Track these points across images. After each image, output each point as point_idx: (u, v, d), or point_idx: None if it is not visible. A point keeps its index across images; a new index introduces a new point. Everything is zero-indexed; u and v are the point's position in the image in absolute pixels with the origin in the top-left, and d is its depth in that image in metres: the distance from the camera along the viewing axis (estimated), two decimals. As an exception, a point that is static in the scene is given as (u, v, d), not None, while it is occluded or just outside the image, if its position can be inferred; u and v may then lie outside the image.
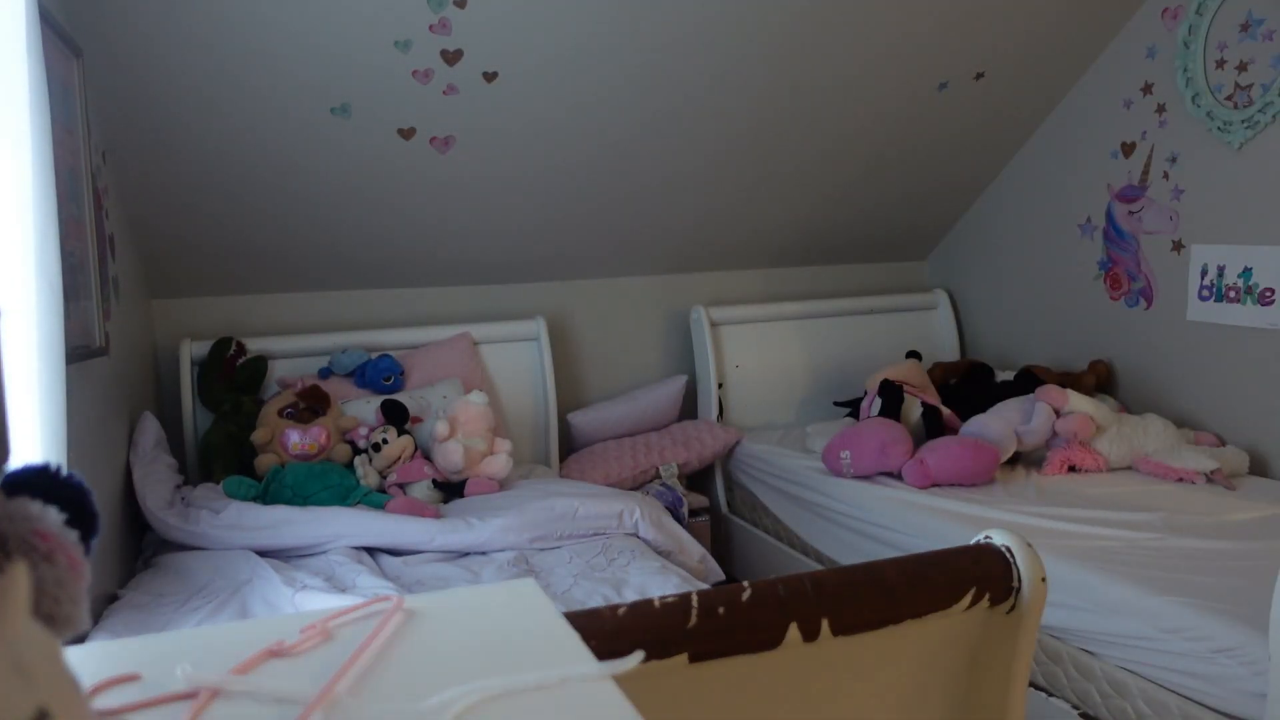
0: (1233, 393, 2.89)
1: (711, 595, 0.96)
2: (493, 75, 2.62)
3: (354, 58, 2.47)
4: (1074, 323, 3.44)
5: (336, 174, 2.80)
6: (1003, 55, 3.11)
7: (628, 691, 0.66)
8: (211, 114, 2.51)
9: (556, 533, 2.45)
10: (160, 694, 0.67)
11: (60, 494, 0.50)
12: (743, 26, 2.68)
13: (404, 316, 3.34)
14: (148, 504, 2.40)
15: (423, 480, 2.75)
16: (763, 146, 3.19)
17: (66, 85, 2.04)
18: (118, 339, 2.45)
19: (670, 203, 3.32)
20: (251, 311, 3.18)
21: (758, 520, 3.34)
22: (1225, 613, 1.81)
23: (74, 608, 0.47)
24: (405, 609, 0.81)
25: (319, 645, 0.76)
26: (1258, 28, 2.73)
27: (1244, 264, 2.81)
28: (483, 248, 3.28)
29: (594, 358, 3.64)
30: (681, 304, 3.70)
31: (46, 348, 1.58)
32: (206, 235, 2.91)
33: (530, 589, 0.86)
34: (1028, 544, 1.08)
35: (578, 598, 2.08)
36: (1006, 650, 1.10)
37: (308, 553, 2.35)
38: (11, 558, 0.44)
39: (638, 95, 2.83)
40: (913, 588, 1.03)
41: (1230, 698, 1.74)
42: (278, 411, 2.79)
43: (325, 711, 0.64)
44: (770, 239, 3.69)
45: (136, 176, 2.64)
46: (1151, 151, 3.09)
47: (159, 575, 2.25)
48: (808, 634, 0.97)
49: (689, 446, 3.36)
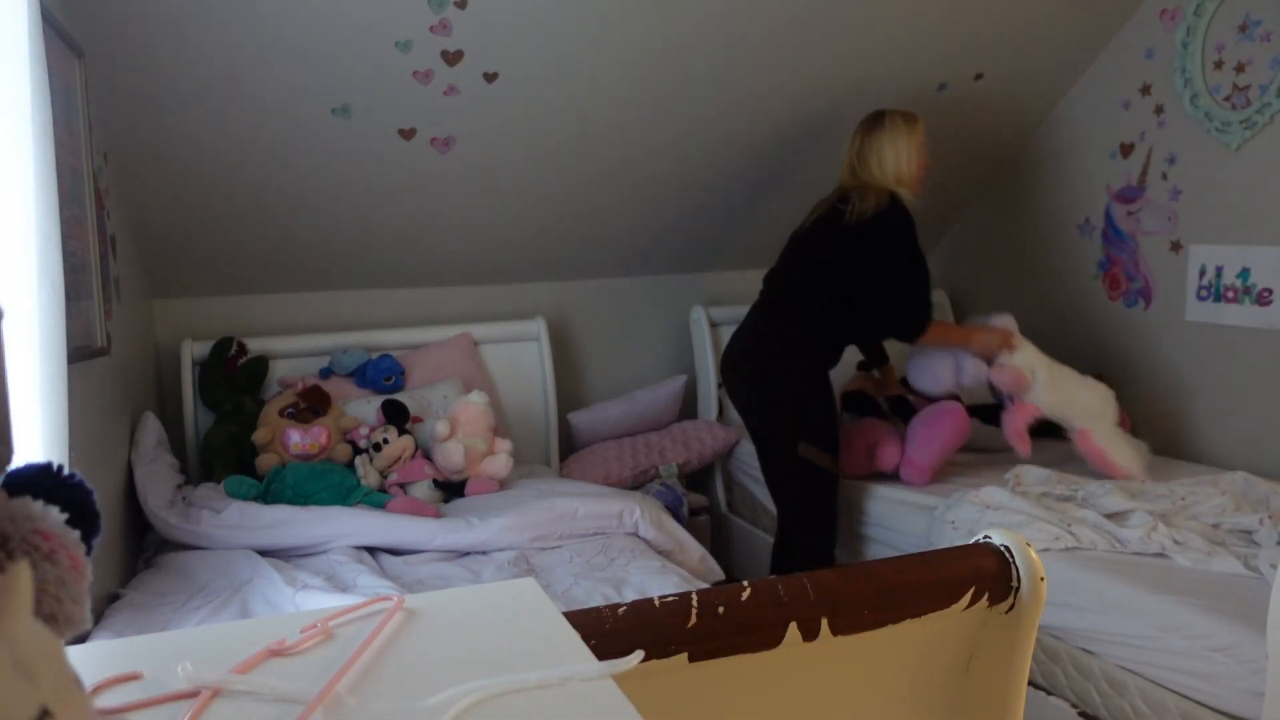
0: (1231, 393, 2.89)
1: (711, 595, 0.96)
2: (493, 75, 2.63)
3: (355, 58, 2.47)
4: (1072, 323, 3.44)
5: (337, 174, 2.80)
6: (1003, 55, 3.11)
7: (628, 691, 0.66)
8: (213, 114, 2.52)
9: (557, 532, 2.45)
10: (161, 693, 0.67)
11: (62, 494, 0.50)
12: (743, 27, 2.69)
13: (404, 316, 3.34)
14: (149, 504, 2.41)
15: (423, 480, 2.75)
16: (762, 146, 3.19)
17: (68, 86, 2.04)
18: (119, 339, 2.45)
19: (670, 203, 3.32)
20: (252, 311, 3.18)
21: (758, 520, 3.34)
22: (1223, 611, 1.81)
23: (75, 607, 0.47)
24: (405, 609, 0.82)
25: (319, 645, 0.76)
26: (1255, 29, 2.73)
27: (1242, 264, 2.81)
28: (483, 248, 3.28)
29: (594, 358, 3.64)
30: (681, 304, 3.70)
31: (48, 348, 1.58)
32: (208, 235, 2.91)
33: (530, 589, 0.87)
34: (1026, 544, 1.08)
35: (578, 597, 2.08)
36: (1006, 650, 1.10)
37: (308, 552, 2.35)
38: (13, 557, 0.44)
39: (638, 95, 2.83)
40: (913, 588, 1.04)
41: (1228, 696, 1.74)
42: (279, 411, 2.80)
43: (325, 711, 0.64)
44: (770, 239, 3.68)
45: (138, 177, 2.64)
46: (1150, 152, 3.09)
47: (160, 575, 2.26)
48: (808, 634, 0.97)
49: (689, 446, 3.36)
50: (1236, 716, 1.73)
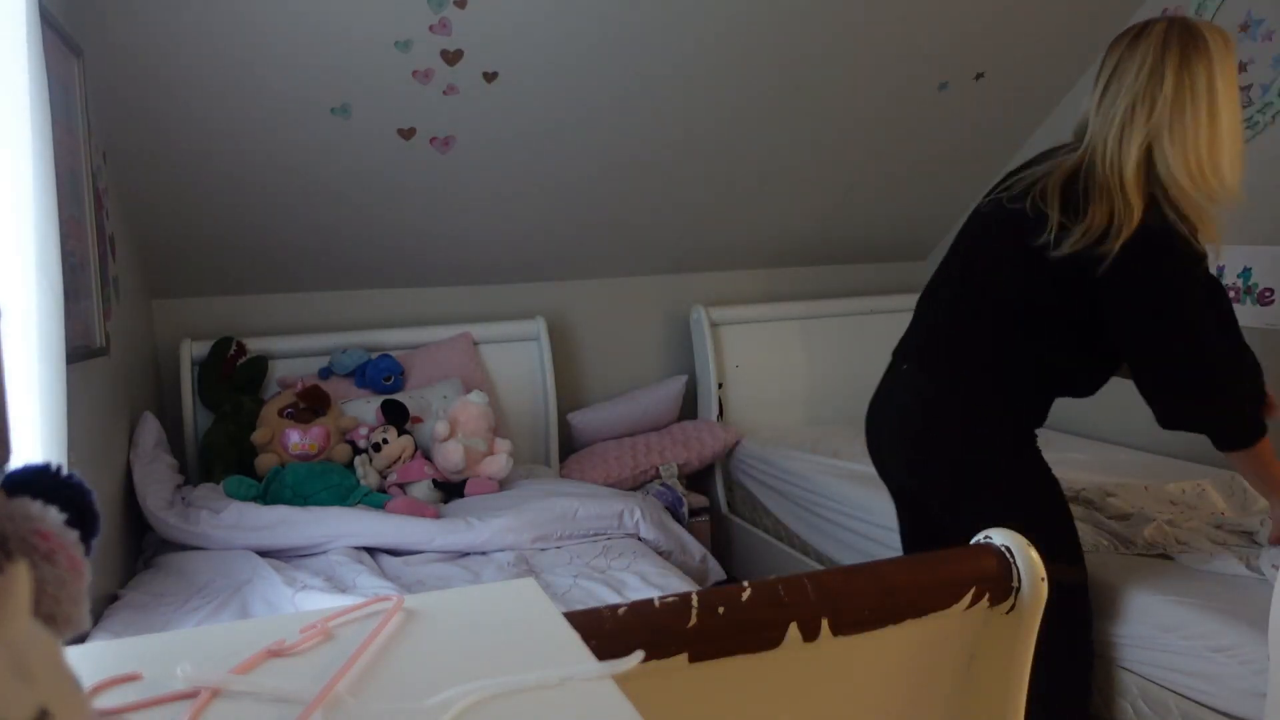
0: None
1: (711, 595, 0.96)
2: (493, 75, 2.63)
3: (354, 58, 2.47)
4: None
5: (337, 174, 2.80)
6: (1003, 55, 3.11)
7: (628, 691, 0.66)
8: (212, 114, 2.51)
9: (557, 533, 2.45)
10: (160, 694, 0.67)
11: (61, 494, 0.50)
12: (742, 27, 2.68)
13: (404, 316, 3.34)
14: (148, 504, 2.41)
15: (423, 480, 2.75)
16: (763, 146, 3.19)
17: (67, 85, 2.03)
18: (118, 339, 2.45)
19: (670, 203, 3.32)
20: (251, 311, 3.18)
21: (758, 520, 3.34)
22: (1224, 612, 1.81)
23: (74, 608, 0.47)
24: (405, 609, 0.81)
25: (319, 645, 0.76)
26: (1257, 28, 2.73)
27: (1243, 264, 2.81)
28: (483, 248, 3.28)
29: (594, 358, 3.64)
30: (681, 304, 3.70)
31: (47, 348, 1.58)
32: (207, 235, 2.91)
33: (530, 589, 0.87)
34: (1027, 543, 1.08)
35: (578, 598, 2.08)
36: (1006, 650, 1.10)
37: (308, 553, 2.35)
38: (12, 557, 0.44)
39: (638, 95, 2.83)
40: (913, 588, 1.04)
41: (1229, 696, 1.73)
42: (278, 411, 2.79)
43: (325, 711, 0.64)
44: (770, 239, 3.69)
45: (137, 177, 2.64)
46: (1151, 151, 3.09)
47: (159, 575, 2.25)
48: (808, 634, 0.97)
49: (689, 446, 3.36)
50: (1238, 717, 1.72)
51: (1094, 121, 1.70)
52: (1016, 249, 1.73)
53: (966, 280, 1.88)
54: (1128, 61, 1.65)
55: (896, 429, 1.94)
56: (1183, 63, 1.58)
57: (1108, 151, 1.65)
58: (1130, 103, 1.62)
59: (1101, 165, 1.66)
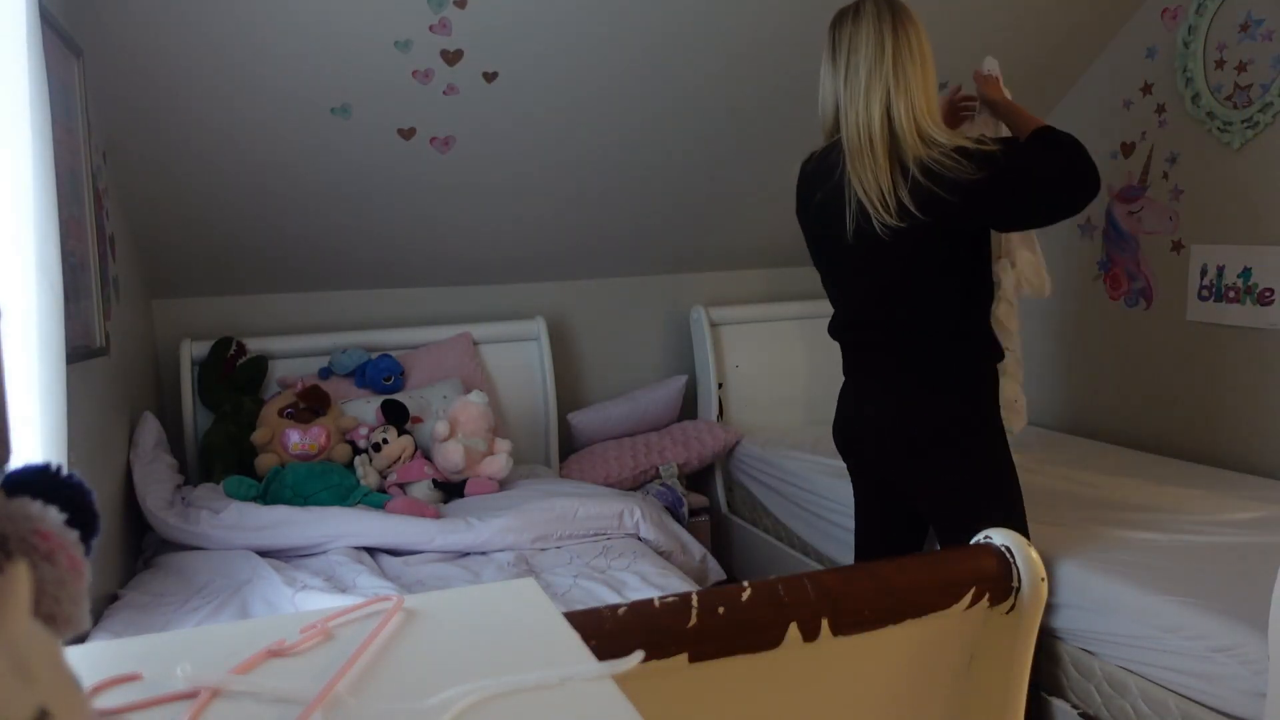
0: (1232, 392, 2.89)
1: (711, 595, 0.96)
2: (493, 75, 2.62)
3: (354, 58, 2.47)
4: (1073, 323, 3.44)
5: (337, 174, 2.80)
6: (1003, 55, 3.10)
7: (628, 691, 0.66)
8: (212, 114, 2.51)
9: (556, 533, 2.45)
10: (161, 694, 0.67)
11: (61, 494, 0.50)
12: (742, 27, 2.68)
13: (404, 316, 3.34)
14: (148, 504, 2.41)
15: (423, 480, 2.75)
16: (763, 146, 3.19)
17: (67, 85, 2.03)
18: (118, 339, 2.45)
19: (670, 203, 3.32)
20: (251, 311, 3.18)
21: (758, 520, 3.34)
22: (1224, 611, 1.81)
23: (74, 607, 0.47)
24: (405, 609, 0.81)
25: (319, 645, 0.76)
26: (1257, 28, 2.73)
27: (1243, 264, 2.81)
28: (483, 248, 3.28)
29: (594, 358, 3.64)
30: (681, 304, 3.69)
31: (47, 348, 1.58)
32: (207, 235, 2.90)
33: (530, 589, 0.87)
34: (1028, 544, 1.08)
35: (578, 598, 2.08)
36: (1006, 650, 1.10)
37: (308, 553, 2.35)
38: (12, 557, 0.44)
39: (637, 95, 2.83)
40: (913, 588, 1.04)
41: (1229, 696, 1.73)
42: (278, 411, 2.79)
43: (325, 711, 0.64)
44: (770, 239, 3.69)
45: (137, 177, 2.64)
46: (1151, 152, 3.09)
47: (159, 575, 2.25)
48: (808, 634, 0.97)
49: (689, 446, 3.36)
50: (1238, 717, 1.72)
51: (844, 96, 1.92)
52: (894, 240, 1.88)
53: (880, 290, 2.03)
54: (857, 39, 1.92)
55: (889, 439, 2.04)
56: (898, 29, 1.89)
57: (859, 117, 1.89)
58: (869, 69, 1.89)
59: (865, 131, 1.88)
